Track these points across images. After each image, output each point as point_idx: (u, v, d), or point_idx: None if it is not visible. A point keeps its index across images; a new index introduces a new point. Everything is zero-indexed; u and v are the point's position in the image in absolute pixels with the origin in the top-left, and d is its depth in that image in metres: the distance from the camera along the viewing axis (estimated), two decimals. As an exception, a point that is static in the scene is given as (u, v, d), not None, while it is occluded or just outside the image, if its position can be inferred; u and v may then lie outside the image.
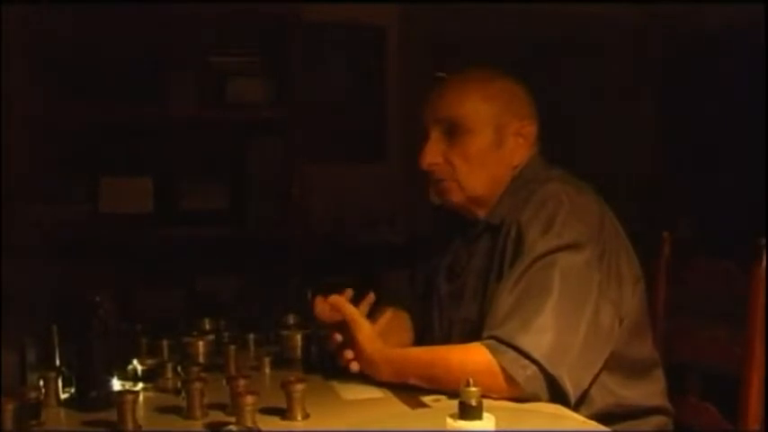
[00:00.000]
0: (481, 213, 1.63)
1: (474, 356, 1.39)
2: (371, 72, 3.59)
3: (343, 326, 1.55)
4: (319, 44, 3.44)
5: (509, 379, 1.37)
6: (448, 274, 1.69)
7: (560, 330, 1.39)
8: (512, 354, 1.37)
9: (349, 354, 1.53)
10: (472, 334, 1.49)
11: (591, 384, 1.46)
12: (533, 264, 1.44)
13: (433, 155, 1.60)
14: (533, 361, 1.36)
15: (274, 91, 3.18)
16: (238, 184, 3.21)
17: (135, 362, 1.60)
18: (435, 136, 1.60)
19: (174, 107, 3.07)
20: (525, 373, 1.36)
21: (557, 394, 1.38)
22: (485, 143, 1.59)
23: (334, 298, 1.56)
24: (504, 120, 1.60)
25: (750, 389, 1.54)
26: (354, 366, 1.52)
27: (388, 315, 1.67)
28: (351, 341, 1.53)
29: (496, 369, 1.37)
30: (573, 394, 1.39)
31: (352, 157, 3.55)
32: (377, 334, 1.53)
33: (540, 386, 1.37)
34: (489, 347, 1.39)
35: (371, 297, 1.66)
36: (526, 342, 1.37)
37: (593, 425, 1.30)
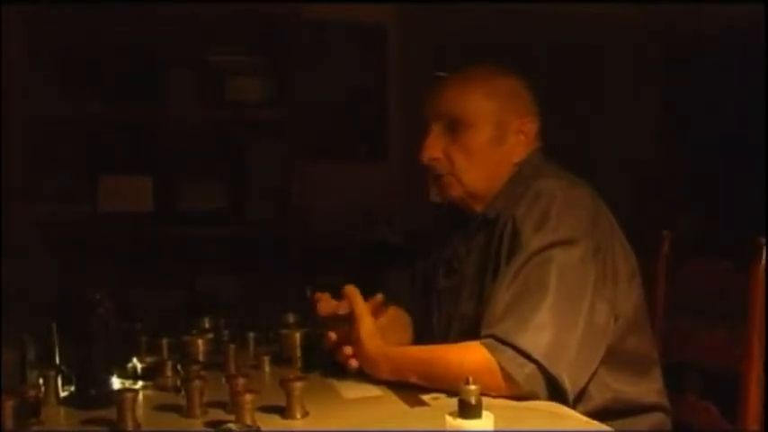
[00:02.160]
0: (479, 209, 1.64)
1: (472, 355, 1.39)
2: (371, 71, 3.59)
3: (341, 322, 1.55)
4: (319, 43, 3.44)
5: (507, 377, 1.37)
6: (446, 270, 1.70)
7: (558, 328, 1.39)
8: (510, 352, 1.37)
9: (348, 350, 1.53)
10: (470, 330, 1.49)
11: (588, 380, 1.46)
12: (529, 260, 1.44)
13: (434, 149, 1.61)
14: (532, 360, 1.36)
15: (274, 90, 3.18)
16: (238, 183, 3.21)
17: (134, 360, 1.60)
18: (436, 131, 1.61)
19: (174, 106, 3.08)
20: (524, 372, 1.36)
21: (555, 392, 1.38)
22: (485, 139, 1.60)
23: (351, 288, 1.55)
24: (506, 117, 1.61)
25: (749, 388, 1.54)
26: (353, 363, 1.52)
27: (389, 313, 1.68)
28: (351, 338, 1.53)
29: (495, 368, 1.37)
30: (571, 392, 1.39)
31: (352, 157, 3.55)
32: (378, 332, 1.53)
33: (539, 384, 1.37)
34: (487, 346, 1.39)
35: (380, 297, 1.66)
36: (524, 341, 1.37)
37: (593, 423, 1.30)
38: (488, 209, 1.61)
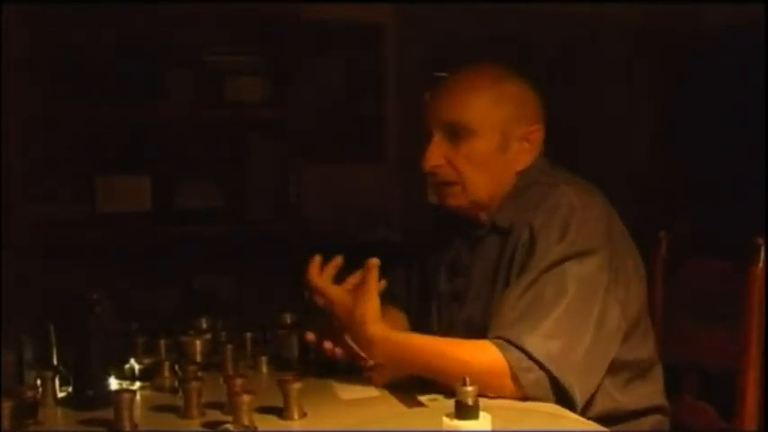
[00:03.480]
0: (482, 215, 1.61)
1: (485, 353, 1.38)
2: (369, 71, 3.59)
3: (335, 315, 1.53)
4: (318, 43, 3.43)
5: (516, 379, 1.36)
6: (449, 274, 1.68)
7: (568, 337, 1.38)
8: (519, 354, 1.36)
9: (328, 344, 1.51)
10: (474, 335, 1.47)
11: None
12: (546, 270, 1.43)
13: (436, 157, 1.56)
14: (540, 364, 1.36)
15: (273, 90, 3.18)
16: (236, 182, 3.21)
17: (132, 361, 1.60)
18: (439, 137, 1.56)
19: (173, 106, 3.08)
20: (528, 377, 1.36)
21: (563, 399, 1.37)
22: (491, 148, 1.56)
23: (374, 260, 1.54)
24: (512, 125, 1.56)
25: (746, 388, 1.54)
26: (339, 353, 1.50)
27: (386, 313, 1.67)
28: (348, 316, 1.49)
29: (505, 369, 1.36)
30: (580, 400, 1.38)
31: (350, 157, 3.55)
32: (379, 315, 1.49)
33: (546, 391, 1.36)
34: (499, 346, 1.38)
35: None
36: (534, 346, 1.36)
37: (591, 424, 1.30)
38: (498, 217, 1.58)
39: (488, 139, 1.55)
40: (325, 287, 1.54)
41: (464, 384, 1.06)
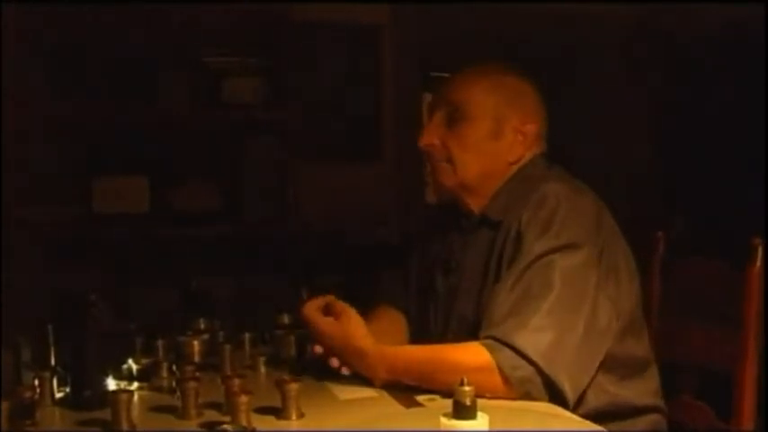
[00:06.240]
0: (473, 204, 1.63)
1: (473, 355, 1.39)
2: (366, 71, 3.59)
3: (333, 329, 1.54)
4: (315, 44, 3.44)
5: (506, 378, 1.37)
6: (444, 271, 1.69)
7: (558, 330, 1.39)
8: (508, 353, 1.37)
9: (335, 361, 1.51)
10: (468, 332, 1.49)
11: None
12: (532, 264, 1.44)
13: (431, 135, 1.63)
14: (530, 361, 1.36)
15: (270, 91, 3.19)
16: (234, 183, 3.21)
17: (130, 361, 1.60)
18: (437, 118, 1.63)
19: (171, 107, 3.08)
20: (516, 374, 1.36)
21: (555, 395, 1.38)
22: (482, 132, 1.60)
23: (328, 298, 1.55)
24: (506, 113, 1.61)
25: (743, 388, 1.54)
26: (346, 370, 1.52)
27: (385, 316, 1.68)
28: (341, 339, 1.51)
29: (494, 368, 1.37)
30: (571, 396, 1.39)
31: (348, 157, 3.55)
32: (369, 331, 1.51)
33: (536, 387, 1.37)
34: (488, 347, 1.39)
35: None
36: (523, 342, 1.37)
37: (587, 424, 1.31)
38: (488, 209, 1.61)
39: (481, 124, 1.61)
40: (312, 316, 1.55)
41: (462, 384, 1.06)
